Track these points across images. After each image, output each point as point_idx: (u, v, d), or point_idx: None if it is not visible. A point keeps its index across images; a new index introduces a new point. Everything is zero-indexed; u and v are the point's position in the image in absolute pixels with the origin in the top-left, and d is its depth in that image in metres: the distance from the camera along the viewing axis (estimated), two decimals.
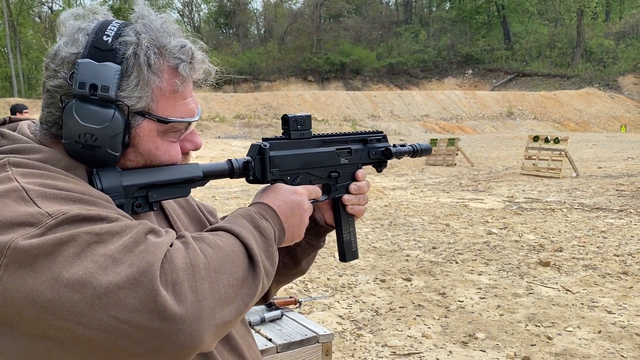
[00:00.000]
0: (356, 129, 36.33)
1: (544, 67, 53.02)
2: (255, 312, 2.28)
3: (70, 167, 0.86)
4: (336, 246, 1.29)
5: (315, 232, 1.25)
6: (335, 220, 1.25)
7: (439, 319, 4.40)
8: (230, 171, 1.02)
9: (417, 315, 4.48)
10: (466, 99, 45.78)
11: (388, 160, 1.29)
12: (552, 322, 4.26)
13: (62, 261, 0.68)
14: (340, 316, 4.47)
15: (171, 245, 0.77)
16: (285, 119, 1.11)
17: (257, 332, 2.10)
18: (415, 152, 1.34)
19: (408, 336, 4.07)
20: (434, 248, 6.64)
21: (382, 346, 3.91)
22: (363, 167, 1.25)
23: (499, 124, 41.65)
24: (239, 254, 0.83)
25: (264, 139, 1.08)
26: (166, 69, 0.90)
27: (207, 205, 1.26)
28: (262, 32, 67.77)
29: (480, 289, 5.11)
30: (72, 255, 0.69)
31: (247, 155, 1.06)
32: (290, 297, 2.52)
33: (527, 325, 4.22)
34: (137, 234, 0.75)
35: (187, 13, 66.04)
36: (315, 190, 1.12)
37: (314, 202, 1.14)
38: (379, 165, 1.30)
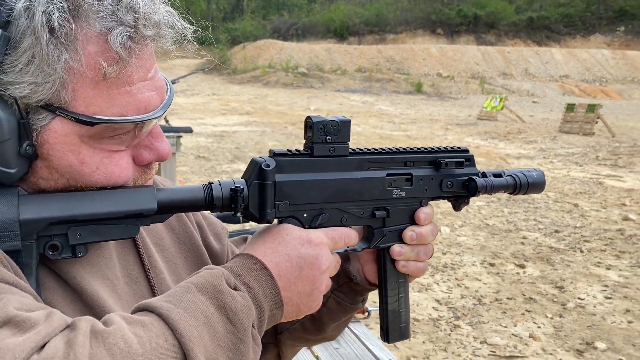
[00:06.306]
0: (484, 88, 34.22)
1: None
2: None
3: None
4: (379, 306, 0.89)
5: (350, 290, 0.89)
6: (379, 280, 0.86)
7: (552, 318, 3.87)
8: (206, 201, 0.68)
9: (527, 311, 3.98)
10: (614, 60, 41.25)
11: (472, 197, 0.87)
12: None
13: None
14: (438, 301, 4.10)
15: (41, 349, 0.47)
16: (308, 124, 0.73)
17: (307, 347, 1.73)
18: (518, 187, 0.89)
19: (512, 334, 3.62)
20: (556, 231, 5.93)
21: (480, 342, 3.51)
22: (430, 202, 0.86)
23: None
24: None
25: (271, 153, 0.72)
26: (91, 37, 0.58)
27: (215, 223, 0.93)
28: None
29: (606, 286, 4.44)
30: None
31: (242, 177, 0.71)
32: None
33: None
34: None
35: None
36: (346, 236, 0.75)
37: (347, 251, 0.79)
38: (457, 203, 0.89)
